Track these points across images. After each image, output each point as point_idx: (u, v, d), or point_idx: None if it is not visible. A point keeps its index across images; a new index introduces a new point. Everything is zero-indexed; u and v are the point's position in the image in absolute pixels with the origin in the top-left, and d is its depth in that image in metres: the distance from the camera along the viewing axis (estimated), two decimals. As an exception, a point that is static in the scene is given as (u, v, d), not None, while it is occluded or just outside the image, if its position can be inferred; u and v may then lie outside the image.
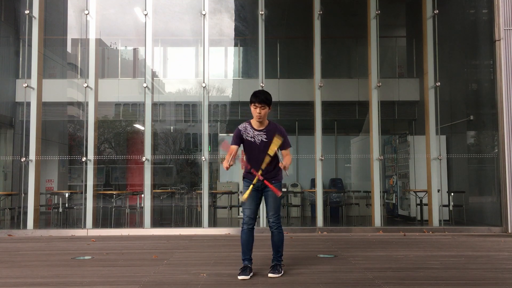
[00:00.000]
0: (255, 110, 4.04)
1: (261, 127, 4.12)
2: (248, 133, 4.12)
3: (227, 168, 3.93)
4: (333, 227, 8.14)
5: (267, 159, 3.99)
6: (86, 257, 5.22)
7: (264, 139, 4.07)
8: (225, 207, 9.30)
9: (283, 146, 4.10)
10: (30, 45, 8.09)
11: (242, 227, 4.13)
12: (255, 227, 4.20)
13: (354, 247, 5.90)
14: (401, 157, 10.25)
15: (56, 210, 9.13)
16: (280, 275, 4.06)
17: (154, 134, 9.21)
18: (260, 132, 4.10)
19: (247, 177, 4.13)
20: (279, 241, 4.17)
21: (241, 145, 4.18)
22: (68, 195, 9.40)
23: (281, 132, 4.10)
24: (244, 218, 4.15)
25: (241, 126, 4.18)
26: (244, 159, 4.21)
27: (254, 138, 4.09)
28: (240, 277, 3.99)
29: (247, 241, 4.12)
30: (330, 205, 9.85)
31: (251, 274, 4.07)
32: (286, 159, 4.11)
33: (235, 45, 12.29)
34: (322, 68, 8.27)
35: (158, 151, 13.10)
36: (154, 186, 8.37)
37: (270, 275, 4.05)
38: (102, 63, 11.49)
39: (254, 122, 4.14)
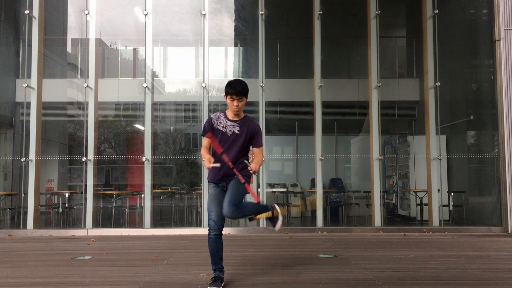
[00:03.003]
0: (232, 103, 3.68)
1: (235, 118, 3.78)
2: (220, 122, 3.76)
3: (209, 167, 3.60)
4: (333, 227, 8.14)
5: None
6: (86, 257, 5.22)
7: (237, 131, 3.73)
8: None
9: (255, 143, 3.76)
10: (30, 45, 8.10)
11: (209, 234, 3.69)
12: (254, 227, 4.13)
13: (354, 247, 5.90)
14: (401, 157, 10.25)
15: (56, 210, 9.14)
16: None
17: (154, 134, 9.21)
18: (233, 123, 3.76)
19: (213, 180, 3.77)
20: (247, 214, 3.68)
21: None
22: (68, 195, 9.40)
23: (255, 128, 3.78)
24: (210, 223, 3.68)
25: (214, 115, 3.83)
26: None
27: (225, 129, 3.73)
28: None
29: (217, 249, 3.70)
30: (330, 205, 9.85)
31: (222, 284, 3.69)
32: (256, 159, 3.74)
33: (235, 45, 12.29)
34: (322, 68, 8.27)
35: (158, 151, 13.09)
36: (154, 186, 8.37)
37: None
38: (102, 63, 11.49)
39: (229, 112, 3.80)
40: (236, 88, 3.65)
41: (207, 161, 3.60)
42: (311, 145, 8.25)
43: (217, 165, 3.60)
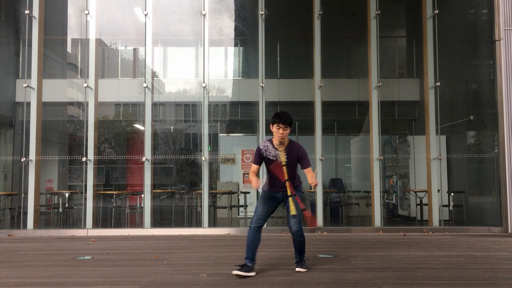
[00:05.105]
0: (278, 131, 4.10)
1: (282, 147, 4.18)
2: (270, 152, 4.18)
3: (257, 188, 4.06)
4: (333, 227, 8.14)
5: (285, 170, 4.14)
6: (86, 257, 5.22)
7: (285, 159, 4.16)
8: (225, 207, 9.30)
9: (303, 165, 4.23)
10: (30, 45, 8.09)
11: (250, 226, 4.19)
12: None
13: (354, 247, 5.90)
14: (401, 157, 10.25)
15: (56, 210, 9.13)
16: (306, 270, 4.28)
17: (154, 134, 9.21)
18: (281, 151, 4.18)
19: (271, 190, 4.27)
20: (302, 244, 4.33)
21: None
22: (68, 195, 9.40)
23: (300, 151, 4.20)
24: (254, 217, 4.21)
25: (262, 145, 4.24)
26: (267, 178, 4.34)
27: (276, 158, 4.15)
28: (233, 272, 4.04)
29: (253, 240, 4.15)
30: (330, 205, 9.85)
31: (250, 274, 4.07)
32: (309, 176, 4.16)
33: (235, 45, 12.29)
34: (322, 68, 8.27)
35: (158, 151, 13.11)
36: (154, 186, 8.37)
37: (298, 269, 4.27)
38: (102, 63, 11.49)
39: (275, 141, 4.19)
40: (282, 118, 4.11)
41: (254, 183, 4.05)
42: (311, 145, 8.24)
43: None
